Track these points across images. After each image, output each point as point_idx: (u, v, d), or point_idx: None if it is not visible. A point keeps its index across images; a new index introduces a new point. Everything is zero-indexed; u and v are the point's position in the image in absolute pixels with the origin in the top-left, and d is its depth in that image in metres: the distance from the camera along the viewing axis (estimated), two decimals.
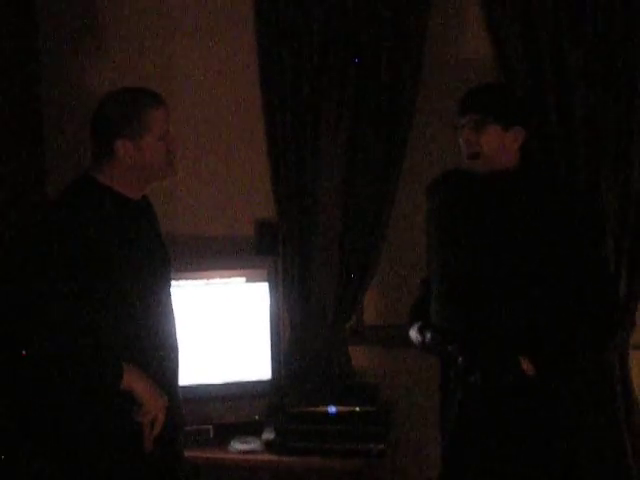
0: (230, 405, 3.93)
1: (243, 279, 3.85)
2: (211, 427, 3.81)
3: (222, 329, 3.85)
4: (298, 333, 3.98)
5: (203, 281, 3.84)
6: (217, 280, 3.85)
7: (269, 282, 3.86)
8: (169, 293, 2.94)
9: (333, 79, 3.83)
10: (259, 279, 3.86)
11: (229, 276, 3.85)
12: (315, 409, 3.70)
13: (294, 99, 3.88)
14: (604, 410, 3.68)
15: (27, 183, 4.02)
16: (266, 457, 3.68)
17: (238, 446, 3.73)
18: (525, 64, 3.65)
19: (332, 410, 3.68)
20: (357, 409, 3.68)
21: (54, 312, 2.58)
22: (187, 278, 3.80)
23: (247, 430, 3.83)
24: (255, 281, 3.86)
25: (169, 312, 2.91)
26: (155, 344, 2.81)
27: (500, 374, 3.00)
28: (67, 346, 2.60)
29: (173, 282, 3.01)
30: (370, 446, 3.60)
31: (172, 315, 2.92)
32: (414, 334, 3.23)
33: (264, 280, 3.86)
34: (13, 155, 3.93)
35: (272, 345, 3.88)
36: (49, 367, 2.62)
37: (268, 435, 3.73)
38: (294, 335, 3.99)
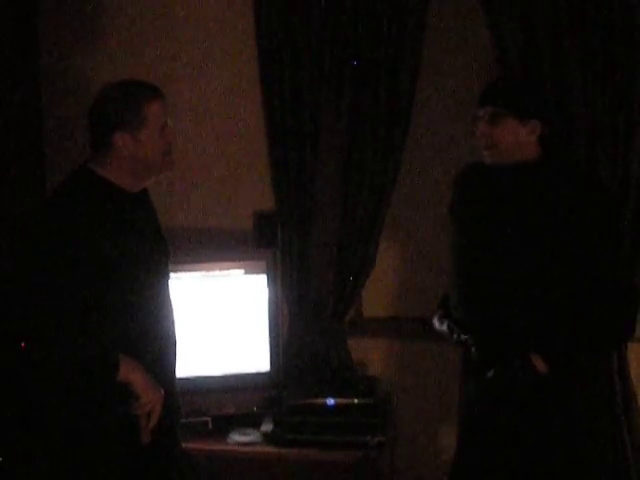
0: (229, 397, 3.93)
1: (242, 271, 3.85)
2: (210, 419, 3.81)
3: (221, 321, 3.85)
4: (297, 325, 3.98)
5: (202, 273, 3.83)
6: (216, 272, 3.84)
7: (268, 274, 3.86)
8: (167, 285, 2.94)
9: (333, 71, 3.82)
10: (258, 271, 3.86)
11: (228, 268, 3.85)
12: (314, 401, 3.70)
13: (293, 91, 3.87)
14: (603, 403, 3.68)
15: (27, 177, 4.02)
16: (265, 449, 3.68)
17: (237, 438, 3.74)
18: (524, 60, 3.63)
19: (330, 402, 3.68)
20: (355, 401, 3.68)
21: (51, 305, 2.58)
22: (186, 270, 3.79)
23: (246, 422, 3.83)
24: (254, 273, 3.86)
25: (167, 304, 2.91)
26: (153, 336, 2.81)
27: (512, 371, 3.00)
28: (64, 339, 2.60)
29: (172, 274, 3.02)
30: (368, 438, 3.60)
31: (170, 307, 2.92)
32: (436, 322, 3.25)
33: (263, 272, 3.86)
34: (13, 150, 3.93)
35: (271, 337, 3.88)
36: (46, 359, 2.62)
37: (267, 427, 3.74)
38: (293, 327, 3.99)
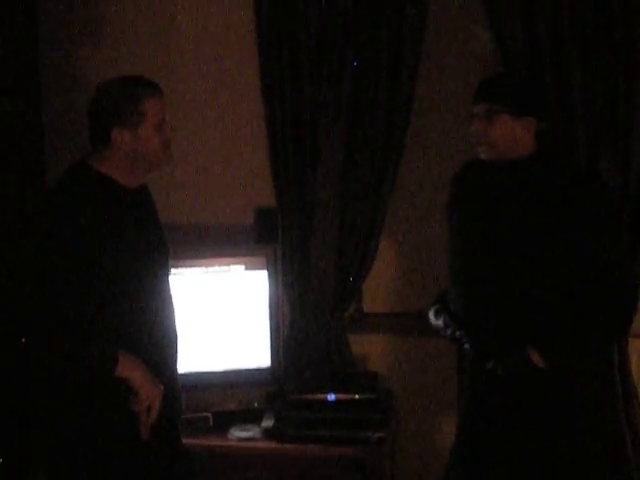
0: (229, 393, 3.95)
1: (242, 267, 3.85)
2: (210, 415, 3.81)
3: (221, 317, 3.85)
4: (297, 321, 3.98)
5: (203, 269, 3.84)
6: (216, 268, 3.84)
7: (268, 270, 3.86)
8: (168, 281, 2.95)
9: (333, 69, 3.82)
10: (258, 267, 3.86)
11: (228, 264, 3.85)
12: (314, 397, 3.70)
13: (294, 89, 3.87)
14: (604, 399, 3.68)
15: (27, 173, 4.02)
16: (265, 445, 3.68)
17: (237, 434, 3.74)
18: (526, 59, 3.63)
19: (331, 398, 3.68)
20: (356, 397, 3.69)
21: (50, 301, 2.58)
22: (187, 266, 3.80)
23: (246, 418, 3.83)
24: (254, 269, 3.86)
25: (168, 300, 2.92)
26: (153, 332, 2.81)
27: (509, 365, 3.00)
28: (63, 334, 2.60)
29: (173, 270, 3.02)
30: (369, 434, 3.60)
31: (171, 303, 2.93)
32: (431, 316, 3.27)
33: (263, 268, 3.86)
34: (13, 146, 3.93)
35: (271, 333, 3.88)
36: (45, 356, 2.63)
37: (267, 423, 3.74)
38: (293, 323, 3.99)
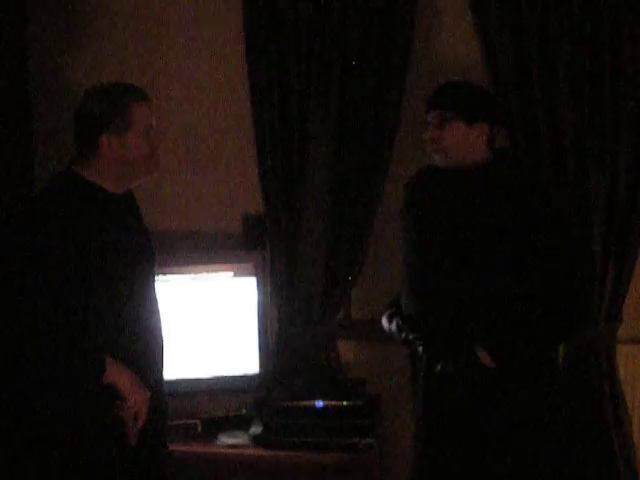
0: (218, 399, 3.94)
1: (231, 273, 3.85)
2: (199, 421, 3.81)
3: (210, 323, 3.84)
4: (286, 327, 3.97)
5: (191, 276, 3.83)
6: (205, 275, 3.84)
7: (257, 276, 3.86)
8: (154, 287, 2.94)
9: (321, 75, 3.82)
10: (247, 273, 3.86)
11: (217, 270, 3.85)
12: (303, 403, 3.70)
13: (281, 95, 3.86)
14: (589, 405, 3.69)
15: (16, 179, 4.02)
16: (254, 451, 3.68)
17: (226, 440, 3.73)
18: (514, 69, 3.64)
19: (320, 404, 3.68)
20: (345, 403, 3.68)
21: (35, 308, 2.57)
22: (175, 273, 3.79)
23: (235, 424, 3.83)
24: (243, 275, 3.85)
25: (153, 306, 2.91)
26: (139, 338, 2.80)
27: (458, 365, 3.04)
28: (49, 341, 2.59)
29: (161, 277, 3.03)
30: (358, 440, 3.60)
31: (157, 309, 2.92)
32: (384, 321, 3.34)
33: (252, 274, 3.86)
34: (1, 151, 3.93)
35: (260, 339, 3.88)
36: (31, 362, 2.61)
37: (256, 429, 3.73)
38: (282, 329, 3.98)
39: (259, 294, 3.86)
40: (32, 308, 2.57)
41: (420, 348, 3.14)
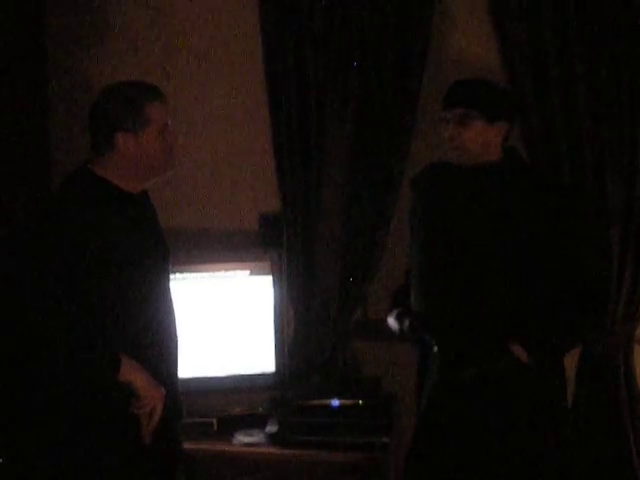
0: (234, 398, 3.95)
1: (247, 272, 3.86)
2: (215, 420, 3.82)
3: (226, 322, 3.85)
4: (302, 326, 3.98)
5: (207, 274, 3.84)
6: (221, 273, 3.85)
7: (273, 275, 3.87)
8: (168, 286, 2.94)
9: (338, 73, 3.83)
10: (263, 272, 3.87)
11: (233, 269, 3.86)
12: (318, 402, 3.70)
13: (299, 92, 3.87)
14: (607, 405, 3.67)
15: (32, 178, 4.03)
16: (269, 450, 3.68)
17: (241, 439, 3.74)
18: (530, 69, 3.64)
19: (335, 403, 3.68)
20: (360, 402, 3.68)
21: (51, 305, 2.58)
22: (191, 271, 3.80)
23: (251, 423, 3.83)
24: (259, 274, 3.86)
25: (168, 304, 2.91)
26: (154, 335, 2.80)
27: (498, 366, 3.01)
28: (64, 339, 2.60)
29: (177, 275, 3.04)
30: (373, 439, 3.60)
31: (171, 307, 2.92)
32: (392, 321, 3.32)
33: (268, 273, 3.87)
34: (19, 150, 3.95)
35: (276, 338, 3.89)
36: (46, 359, 2.63)
37: (271, 428, 3.74)
38: (298, 328, 3.99)
39: (275, 293, 3.87)
40: (48, 307, 2.58)
41: (435, 348, 3.12)
